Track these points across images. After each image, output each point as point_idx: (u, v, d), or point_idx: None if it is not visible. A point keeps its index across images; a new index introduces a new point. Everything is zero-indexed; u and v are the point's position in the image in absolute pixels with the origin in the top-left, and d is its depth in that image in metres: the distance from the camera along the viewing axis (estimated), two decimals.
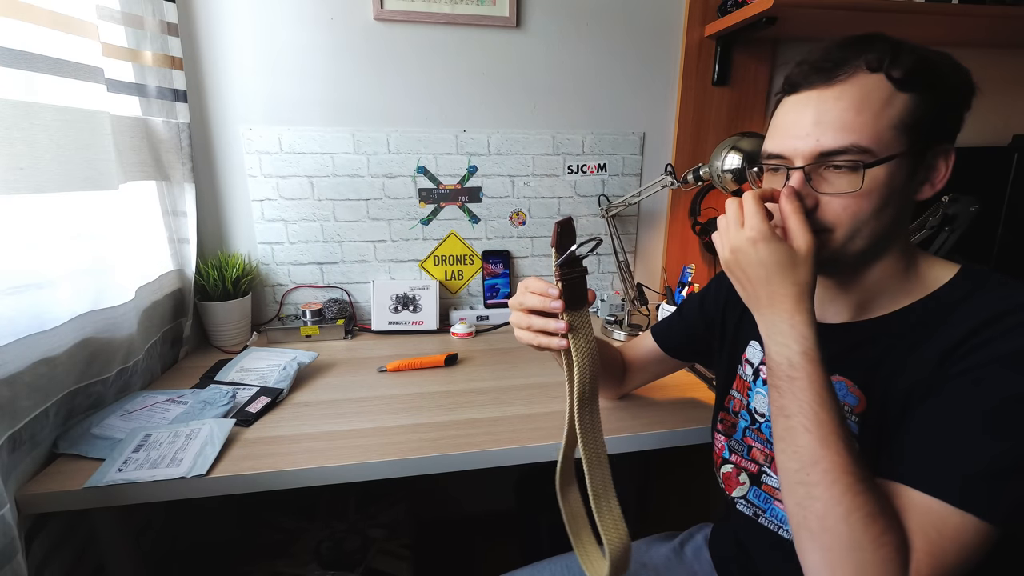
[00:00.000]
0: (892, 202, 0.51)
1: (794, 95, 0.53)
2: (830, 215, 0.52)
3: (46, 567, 0.74)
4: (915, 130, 0.49)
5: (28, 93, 0.72)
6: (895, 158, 0.49)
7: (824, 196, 0.52)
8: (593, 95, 1.34)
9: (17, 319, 0.70)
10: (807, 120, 0.51)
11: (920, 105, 0.49)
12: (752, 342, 0.70)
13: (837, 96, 0.50)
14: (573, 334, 0.53)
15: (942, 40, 1.39)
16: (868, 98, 0.49)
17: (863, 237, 0.52)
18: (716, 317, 0.77)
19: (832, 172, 0.51)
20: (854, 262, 0.55)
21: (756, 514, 0.67)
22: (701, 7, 1.30)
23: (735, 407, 0.71)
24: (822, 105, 0.50)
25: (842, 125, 0.49)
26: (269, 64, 1.19)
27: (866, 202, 0.50)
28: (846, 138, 0.49)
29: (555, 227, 0.51)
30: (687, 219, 1.42)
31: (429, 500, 1.55)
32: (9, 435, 0.67)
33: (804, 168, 0.52)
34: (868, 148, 0.49)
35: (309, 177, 1.26)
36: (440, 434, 0.81)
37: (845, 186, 0.50)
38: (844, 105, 0.49)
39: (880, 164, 0.49)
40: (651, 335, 0.86)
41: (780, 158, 0.54)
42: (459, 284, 1.41)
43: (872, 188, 0.50)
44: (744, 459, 0.68)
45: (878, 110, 0.49)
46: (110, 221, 0.88)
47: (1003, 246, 1.37)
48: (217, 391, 0.91)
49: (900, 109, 0.49)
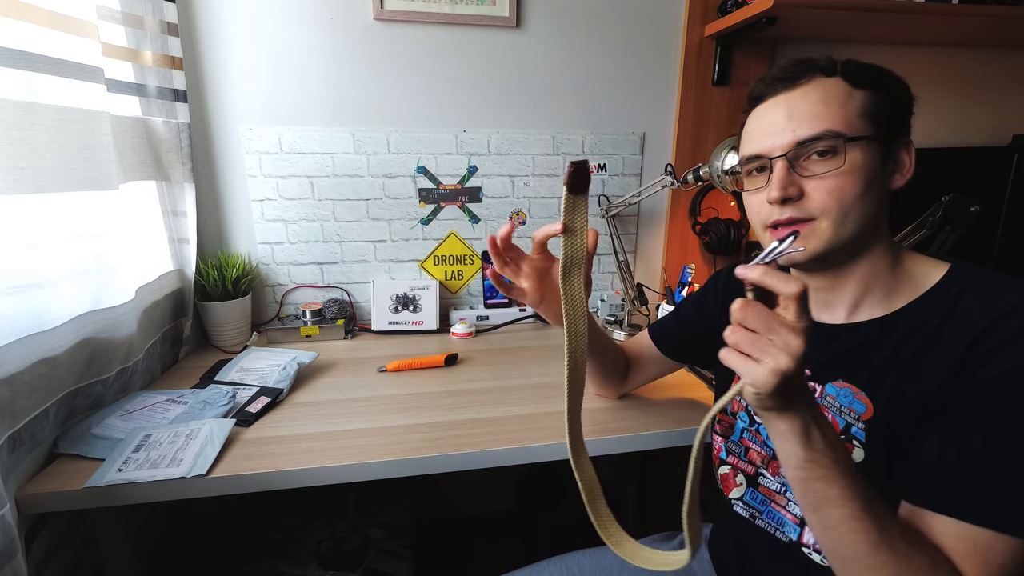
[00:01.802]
0: (874, 186, 0.53)
1: (761, 104, 0.58)
2: (817, 202, 0.54)
3: (46, 567, 0.74)
4: (878, 120, 0.53)
5: (28, 93, 0.72)
6: (868, 139, 0.53)
7: (810, 183, 0.54)
8: (593, 95, 1.34)
9: (17, 319, 0.70)
10: (780, 118, 0.55)
11: (876, 100, 0.53)
12: None
13: (803, 94, 0.54)
14: (570, 233, 0.53)
15: (942, 40, 1.39)
16: (831, 93, 0.53)
17: (852, 221, 0.53)
18: (714, 316, 0.77)
19: (813, 161, 0.54)
20: (844, 252, 0.56)
21: (753, 516, 0.67)
22: (701, 7, 1.30)
23: (733, 408, 0.71)
24: (791, 103, 0.55)
25: (813, 115, 0.53)
26: (269, 64, 1.19)
27: (849, 182, 0.52)
28: (820, 125, 0.52)
29: (569, 166, 0.49)
30: (687, 219, 1.42)
31: (429, 500, 1.55)
32: (9, 435, 0.67)
33: (786, 155, 0.54)
34: (841, 132, 0.52)
35: (309, 177, 1.26)
36: (440, 434, 0.81)
37: (827, 167, 0.53)
38: (812, 100, 0.54)
39: (858, 141, 0.52)
40: (648, 335, 0.86)
41: (759, 158, 0.57)
42: (459, 284, 1.41)
43: (853, 168, 0.52)
44: (741, 460, 0.69)
45: (843, 101, 0.53)
46: (110, 221, 0.88)
47: (1003, 246, 1.37)
48: (217, 391, 0.91)
49: (861, 101, 0.53)
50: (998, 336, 0.47)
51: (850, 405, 0.56)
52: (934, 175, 1.28)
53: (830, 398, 0.58)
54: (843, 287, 0.59)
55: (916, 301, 0.55)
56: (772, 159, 0.55)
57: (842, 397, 0.57)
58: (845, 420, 0.56)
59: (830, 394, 0.58)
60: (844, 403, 0.56)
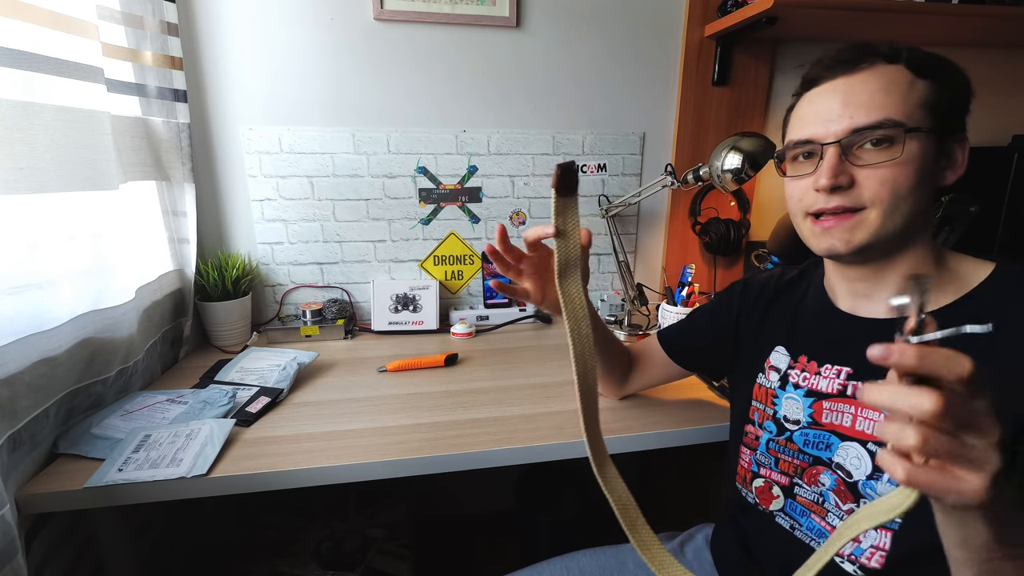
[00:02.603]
0: (926, 180, 0.52)
1: (816, 87, 0.55)
2: (868, 192, 0.52)
3: (46, 567, 0.74)
4: (938, 112, 0.51)
5: (28, 93, 0.72)
6: (928, 131, 0.51)
7: (862, 172, 0.52)
8: (593, 95, 1.34)
9: (17, 319, 0.70)
10: (836, 104, 0.53)
11: (938, 91, 0.51)
12: (777, 347, 0.67)
13: (863, 80, 0.52)
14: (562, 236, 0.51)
15: (942, 40, 1.39)
16: (893, 81, 0.51)
17: (901, 214, 0.52)
18: (729, 325, 0.75)
19: (868, 150, 0.52)
20: (888, 245, 0.54)
21: (793, 527, 0.63)
22: (701, 7, 1.30)
23: (759, 419, 0.67)
24: (849, 88, 0.52)
25: (873, 104, 0.51)
26: (269, 64, 1.19)
27: (904, 174, 0.51)
28: (879, 113, 0.51)
29: (556, 169, 0.48)
30: (687, 219, 1.42)
31: (429, 500, 1.55)
32: (9, 435, 0.67)
33: (840, 142, 0.52)
34: (901, 122, 0.50)
35: (309, 177, 1.26)
36: (440, 434, 0.81)
37: (883, 156, 0.51)
38: (872, 87, 0.51)
39: (917, 133, 0.50)
40: (657, 339, 0.85)
41: (810, 143, 0.55)
42: (459, 284, 1.41)
43: (909, 159, 0.51)
44: (774, 472, 0.65)
45: (904, 91, 0.51)
46: (110, 221, 0.88)
47: (1003, 246, 1.37)
48: (217, 391, 0.91)
49: (923, 91, 0.51)
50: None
51: None
52: None
53: None
54: (884, 280, 0.57)
55: (963, 299, 0.53)
56: (824, 145, 0.53)
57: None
58: None
59: None
60: None
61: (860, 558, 0.56)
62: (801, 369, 0.63)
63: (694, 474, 1.32)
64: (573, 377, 0.51)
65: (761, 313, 0.71)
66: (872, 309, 0.59)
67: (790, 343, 0.66)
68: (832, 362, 0.60)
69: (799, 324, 0.66)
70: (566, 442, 0.80)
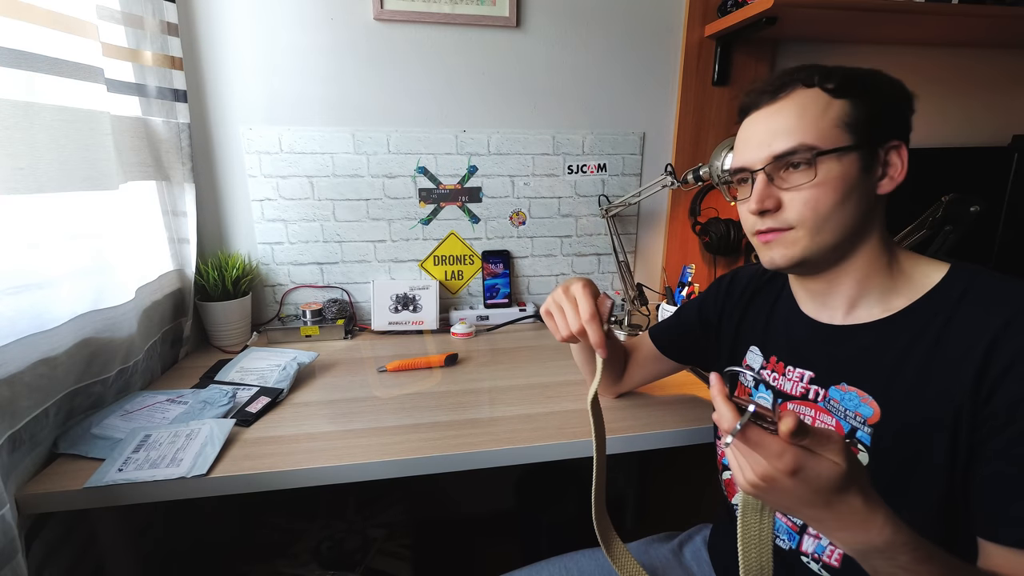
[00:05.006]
0: (853, 195, 0.54)
1: (747, 118, 0.60)
2: (794, 213, 0.55)
3: (46, 567, 0.74)
4: (858, 128, 0.53)
5: (28, 93, 0.72)
6: (843, 150, 0.53)
7: (787, 194, 0.55)
8: (593, 95, 1.34)
9: (17, 319, 0.70)
10: (760, 132, 0.57)
11: (858, 107, 0.54)
12: (752, 347, 0.70)
13: (781, 107, 0.56)
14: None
15: (942, 40, 1.39)
16: (808, 106, 0.54)
17: (829, 231, 0.55)
18: (713, 321, 0.77)
19: (790, 172, 0.55)
20: (824, 259, 0.57)
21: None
22: (701, 7, 1.30)
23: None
24: (770, 118, 0.56)
25: (788, 130, 0.54)
26: (269, 64, 1.19)
27: (824, 193, 0.53)
28: (794, 139, 0.54)
29: (603, 297, 0.63)
30: (687, 219, 1.42)
31: (429, 500, 1.55)
32: (9, 435, 0.67)
33: (764, 169, 0.56)
34: (814, 145, 0.53)
35: (309, 177, 1.26)
36: (440, 434, 0.81)
37: (802, 179, 0.54)
38: (788, 114, 0.55)
39: (829, 154, 0.53)
40: (648, 336, 0.87)
41: (743, 170, 0.59)
42: (459, 284, 1.41)
43: (827, 179, 0.53)
44: None
45: (818, 114, 0.54)
46: (110, 221, 0.88)
47: (1003, 246, 1.37)
48: (217, 391, 0.91)
49: (839, 111, 0.54)
50: (1008, 349, 0.46)
51: (856, 409, 0.55)
52: (934, 175, 1.28)
53: (834, 402, 0.58)
54: (838, 287, 0.59)
55: (917, 302, 0.55)
56: (753, 172, 0.57)
57: (847, 401, 0.56)
58: (850, 424, 0.56)
59: (834, 398, 0.58)
60: (850, 407, 0.56)
61: (823, 556, 0.58)
62: (771, 370, 0.66)
63: (693, 474, 1.32)
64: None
65: (741, 312, 0.73)
66: (829, 315, 0.61)
67: (763, 344, 0.68)
68: (796, 364, 0.63)
69: (771, 326, 0.68)
70: (566, 442, 0.80)
